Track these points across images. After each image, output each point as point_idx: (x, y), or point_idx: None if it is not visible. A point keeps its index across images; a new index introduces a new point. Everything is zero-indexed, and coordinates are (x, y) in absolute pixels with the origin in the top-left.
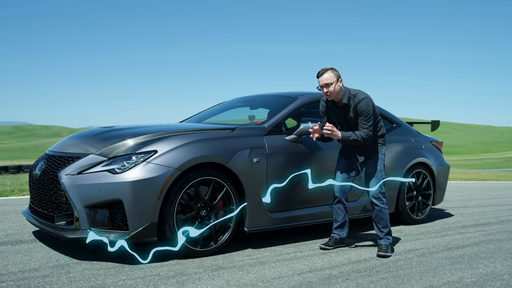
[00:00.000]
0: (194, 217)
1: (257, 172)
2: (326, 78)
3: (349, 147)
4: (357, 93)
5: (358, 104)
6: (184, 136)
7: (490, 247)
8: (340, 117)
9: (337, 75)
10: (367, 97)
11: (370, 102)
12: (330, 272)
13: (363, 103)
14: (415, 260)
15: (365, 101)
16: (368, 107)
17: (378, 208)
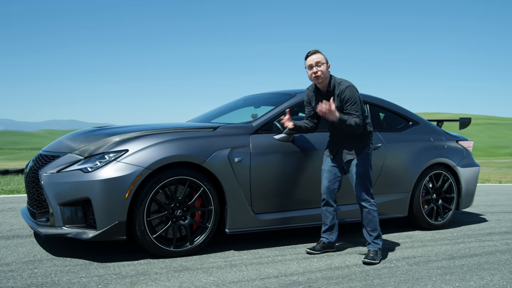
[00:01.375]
0: (168, 217)
1: (239, 172)
2: (317, 57)
3: (335, 146)
4: (342, 81)
5: (344, 92)
6: (158, 135)
7: (503, 258)
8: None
9: (326, 58)
10: (352, 85)
11: (356, 92)
12: (297, 278)
13: (348, 91)
14: (403, 268)
15: (351, 89)
16: (354, 95)
17: (366, 210)
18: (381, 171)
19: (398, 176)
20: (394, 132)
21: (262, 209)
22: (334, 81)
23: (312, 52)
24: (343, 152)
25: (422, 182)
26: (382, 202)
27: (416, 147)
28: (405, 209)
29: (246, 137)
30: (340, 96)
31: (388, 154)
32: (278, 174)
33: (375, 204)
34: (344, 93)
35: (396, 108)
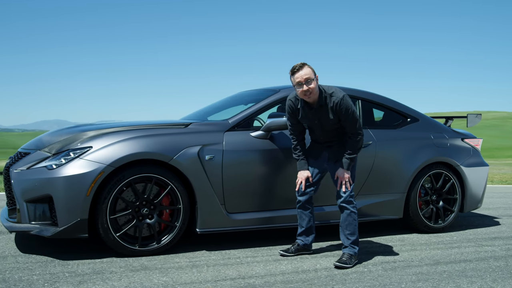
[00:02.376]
0: (133, 215)
1: (210, 170)
2: (306, 73)
3: (320, 146)
4: (333, 91)
5: (339, 104)
6: (124, 132)
7: (494, 264)
8: (313, 119)
9: (314, 70)
10: (345, 95)
11: (349, 100)
12: (253, 281)
13: (344, 103)
14: (375, 274)
15: (345, 99)
16: (350, 105)
17: (348, 212)
18: (372, 170)
19: (390, 175)
20: (389, 129)
21: (236, 209)
22: (324, 93)
23: (298, 67)
24: (328, 154)
25: (419, 182)
26: (374, 203)
27: (412, 145)
28: (400, 211)
29: (219, 134)
30: (335, 110)
31: (379, 153)
32: (253, 173)
33: (356, 207)
34: (340, 106)
35: (392, 104)
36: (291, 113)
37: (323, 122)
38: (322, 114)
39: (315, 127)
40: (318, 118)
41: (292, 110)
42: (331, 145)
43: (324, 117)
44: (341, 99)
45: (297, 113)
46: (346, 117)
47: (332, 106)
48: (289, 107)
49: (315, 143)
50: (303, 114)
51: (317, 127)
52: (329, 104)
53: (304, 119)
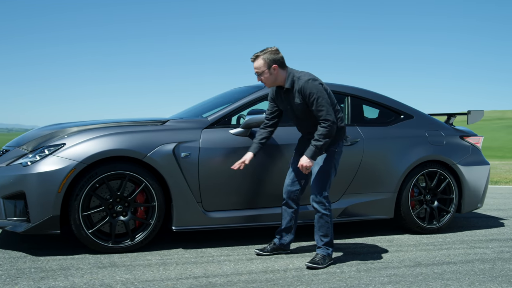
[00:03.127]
0: (107, 212)
1: (186, 167)
2: (256, 66)
3: (304, 141)
4: (301, 75)
5: (304, 88)
6: (98, 130)
7: (477, 267)
8: (285, 104)
9: (268, 61)
10: (313, 78)
11: (319, 84)
12: (216, 280)
13: (309, 86)
14: (345, 275)
15: (311, 83)
16: (317, 89)
17: (319, 214)
18: (359, 168)
19: (379, 174)
20: (379, 127)
21: (214, 207)
22: (292, 77)
23: (253, 58)
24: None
25: (412, 181)
26: (362, 202)
27: (404, 143)
28: (391, 211)
29: (197, 132)
30: (301, 93)
31: (367, 150)
32: (231, 171)
33: (330, 209)
34: (305, 89)
35: (385, 101)
36: (271, 97)
37: (294, 107)
38: (290, 98)
39: (288, 112)
40: (288, 101)
41: (272, 93)
42: (311, 137)
43: (293, 101)
44: (305, 82)
45: (276, 96)
46: (310, 101)
47: (298, 89)
48: (270, 91)
49: (300, 137)
50: (279, 98)
51: (289, 112)
52: (296, 88)
53: (280, 103)
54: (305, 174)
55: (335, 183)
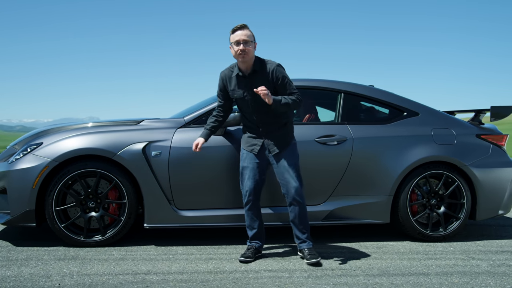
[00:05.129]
0: (80, 207)
1: (156, 166)
2: (246, 34)
3: (259, 138)
4: (268, 60)
5: (276, 71)
6: (74, 130)
7: (451, 281)
8: (246, 88)
9: (253, 36)
10: (280, 64)
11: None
12: (152, 277)
13: (281, 70)
14: (289, 280)
15: (281, 67)
16: (285, 73)
17: (302, 205)
18: (347, 169)
19: (371, 176)
20: (374, 125)
21: (186, 205)
22: (259, 60)
23: (240, 26)
24: (269, 144)
25: (411, 184)
26: (352, 205)
27: (402, 142)
28: (386, 215)
29: (170, 131)
30: (273, 75)
31: (357, 150)
32: (204, 170)
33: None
34: (276, 73)
35: (385, 97)
36: (222, 86)
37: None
38: (255, 81)
39: (247, 104)
40: (251, 86)
41: (224, 81)
42: (270, 131)
43: (260, 84)
44: (276, 65)
45: (229, 84)
46: (283, 83)
47: (268, 71)
48: (221, 79)
49: (250, 132)
50: (236, 85)
51: (248, 104)
52: (266, 70)
53: (236, 91)
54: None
55: (320, 184)
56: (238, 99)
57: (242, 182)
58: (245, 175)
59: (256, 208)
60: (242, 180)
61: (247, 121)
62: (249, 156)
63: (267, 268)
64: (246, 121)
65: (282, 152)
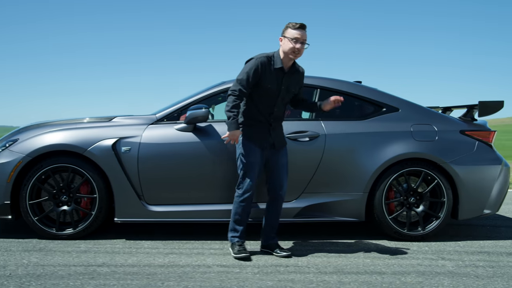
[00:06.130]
0: (51, 201)
1: (126, 162)
2: (305, 35)
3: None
4: (300, 65)
5: (303, 75)
6: (48, 126)
7: (403, 280)
8: (280, 85)
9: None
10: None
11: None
12: (103, 269)
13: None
14: (236, 275)
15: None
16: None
17: (282, 203)
18: (319, 166)
19: (344, 173)
20: (350, 121)
21: (156, 201)
22: (296, 63)
23: (303, 25)
24: (275, 140)
25: (387, 181)
26: (325, 203)
27: (377, 139)
28: (361, 213)
29: (141, 128)
30: (302, 79)
31: (329, 146)
32: (173, 166)
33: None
34: (303, 78)
35: (363, 92)
36: (258, 73)
37: (289, 90)
38: (292, 80)
39: (276, 97)
40: (287, 84)
41: (262, 69)
42: (277, 126)
43: (293, 84)
44: (304, 72)
45: (265, 74)
46: (302, 87)
47: (301, 74)
48: (261, 64)
49: (259, 127)
50: (272, 77)
51: (278, 97)
52: (300, 72)
53: (270, 82)
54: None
55: (291, 181)
56: (266, 90)
57: (247, 176)
58: (253, 170)
59: (252, 202)
60: (247, 174)
61: (260, 115)
62: (256, 151)
63: (221, 264)
64: (258, 115)
65: (283, 148)
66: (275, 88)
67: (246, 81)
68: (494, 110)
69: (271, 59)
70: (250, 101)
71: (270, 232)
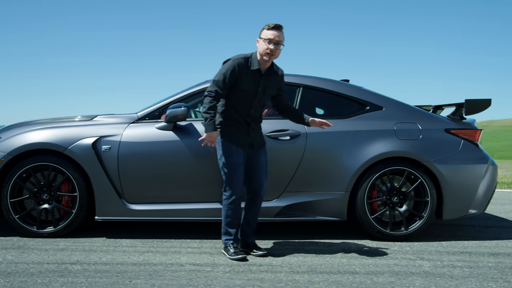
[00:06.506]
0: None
1: (106, 160)
2: (280, 36)
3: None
4: (278, 66)
5: (283, 79)
6: (29, 125)
7: (373, 280)
8: (257, 87)
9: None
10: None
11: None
12: (75, 267)
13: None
14: (204, 274)
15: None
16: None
17: (261, 203)
18: (300, 165)
19: (326, 172)
20: (332, 120)
21: (136, 199)
22: (275, 63)
23: (278, 26)
24: (254, 140)
25: (369, 180)
26: (306, 202)
27: (359, 138)
28: (342, 212)
29: (121, 126)
30: (281, 81)
31: (310, 145)
32: (153, 165)
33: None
34: (283, 79)
35: (346, 90)
36: (235, 74)
37: (266, 91)
38: (269, 82)
39: (252, 98)
40: (263, 85)
41: (239, 71)
42: (255, 127)
43: (270, 86)
44: (283, 74)
45: (241, 76)
46: (284, 89)
47: (280, 76)
48: (238, 65)
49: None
50: (249, 79)
51: (254, 98)
52: (279, 74)
53: (246, 85)
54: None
55: (271, 180)
56: (243, 91)
57: (232, 177)
58: (237, 170)
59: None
60: (232, 175)
61: (238, 116)
62: (238, 151)
63: (195, 262)
64: (237, 116)
65: (262, 148)
66: (252, 90)
67: (222, 82)
68: (481, 108)
69: (248, 60)
70: (228, 102)
71: (249, 232)
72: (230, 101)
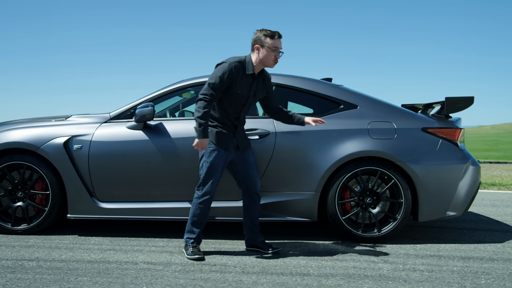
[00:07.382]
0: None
1: (78, 159)
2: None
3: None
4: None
5: (270, 80)
6: (5, 125)
7: (328, 283)
8: (249, 90)
9: None
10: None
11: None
12: (31, 264)
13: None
14: (155, 274)
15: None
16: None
17: (259, 200)
18: (269, 164)
19: (295, 172)
20: None
21: (107, 198)
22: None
23: (281, 35)
24: (240, 142)
25: (340, 181)
26: (275, 202)
27: (330, 136)
28: (313, 213)
29: (93, 126)
30: (269, 83)
31: (279, 145)
32: (123, 164)
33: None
34: (271, 81)
35: (319, 89)
36: (231, 77)
37: (256, 95)
38: (261, 86)
39: (242, 102)
40: (255, 89)
41: (236, 74)
42: (241, 129)
43: (260, 89)
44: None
45: (237, 79)
46: (271, 88)
47: (269, 78)
48: (234, 69)
49: (224, 130)
50: (243, 83)
51: (246, 101)
52: (268, 77)
53: (240, 88)
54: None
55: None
56: (236, 95)
57: (209, 178)
58: (216, 172)
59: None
60: (210, 176)
61: (227, 119)
62: (221, 153)
63: (150, 261)
64: (225, 119)
65: (248, 149)
66: (245, 94)
67: (219, 85)
68: (463, 107)
69: (243, 64)
70: (219, 105)
71: (256, 230)
72: (221, 104)
